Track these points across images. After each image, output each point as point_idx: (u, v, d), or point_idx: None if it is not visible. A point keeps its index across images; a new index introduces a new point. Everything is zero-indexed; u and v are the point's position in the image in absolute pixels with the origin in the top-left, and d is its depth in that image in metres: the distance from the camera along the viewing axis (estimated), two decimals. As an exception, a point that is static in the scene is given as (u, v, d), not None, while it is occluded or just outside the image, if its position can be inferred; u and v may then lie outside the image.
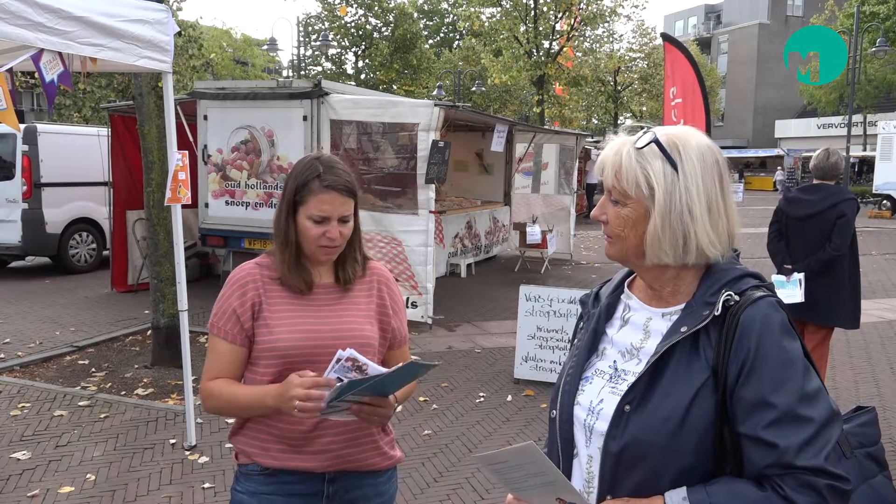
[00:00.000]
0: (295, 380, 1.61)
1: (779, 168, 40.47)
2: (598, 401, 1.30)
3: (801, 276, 4.57)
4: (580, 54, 27.57)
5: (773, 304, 1.20)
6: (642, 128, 1.28)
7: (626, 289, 1.40)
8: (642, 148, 1.24)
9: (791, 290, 4.56)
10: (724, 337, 1.18)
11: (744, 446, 1.15)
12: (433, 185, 7.37)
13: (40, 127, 10.07)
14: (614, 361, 1.32)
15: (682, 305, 1.27)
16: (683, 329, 1.21)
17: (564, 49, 25.51)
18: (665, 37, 7.39)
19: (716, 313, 1.20)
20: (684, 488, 1.16)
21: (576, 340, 1.45)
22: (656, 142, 1.23)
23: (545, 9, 24.79)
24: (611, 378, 1.31)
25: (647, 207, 1.23)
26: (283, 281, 1.81)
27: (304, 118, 7.56)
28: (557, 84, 25.94)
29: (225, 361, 1.80)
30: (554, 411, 1.39)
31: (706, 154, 1.24)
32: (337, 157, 1.91)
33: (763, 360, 1.15)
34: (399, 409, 5.14)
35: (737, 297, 1.20)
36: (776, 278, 4.64)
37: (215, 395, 1.79)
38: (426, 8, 48.41)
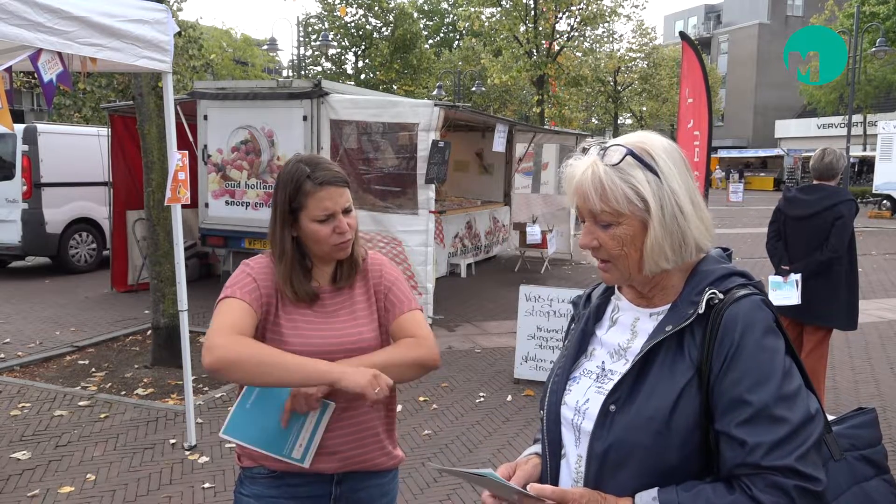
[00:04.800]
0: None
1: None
2: (584, 400, 1.30)
3: (798, 276, 4.57)
4: (580, 54, 27.57)
5: (758, 302, 1.20)
6: (595, 146, 1.27)
7: (615, 290, 1.40)
8: (618, 163, 1.22)
9: (788, 291, 4.55)
10: (708, 335, 1.18)
11: (720, 444, 1.15)
12: (433, 185, 7.37)
13: (40, 127, 10.06)
14: (602, 362, 1.33)
15: (669, 305, 1.27)
16: (668, 328, 1.22)
17: (564, 50, 25.52)
18: (683, 36, 7.43)
19: (699, 311, 1.20)
20: (655, 489, 1.16)
21: (566, 341, 1.46)
22: (631, 153, 1.23)
23: (545, 9, 24.79)
24: (597, 378, 1.31)
25: (641, 220, 1.22)
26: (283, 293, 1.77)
27: (304, 118, 7.56)
28: (555, 83, 25.94)
29: (247, 320, 1.67)
30: (542, 411, 1.39)
31: (671, 151, 1.25)
32: (317, 154, 1.88)
33: (742, 359, 1.15)
34: (400, 408, 5.09)
35: (721, 296, 1.20)
36: (773, 279, 4.63)
37: (244, 343, 1.61)
38: (426, 8, 48.40)
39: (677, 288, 1.27)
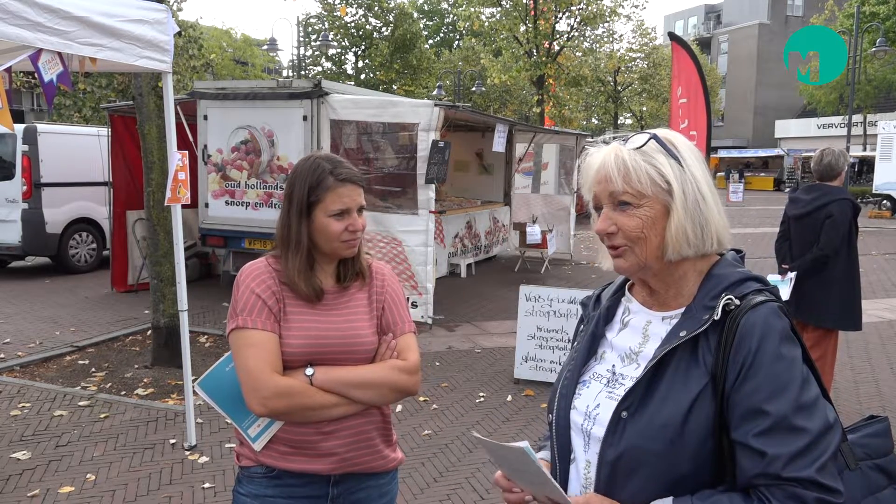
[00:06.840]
0: None
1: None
2: (594, 405, 1.28)
3: (793, 275, 4.61)
4: (580, 54, 27.56)
5: (775, 309, 1.17)
6: (616, 138, 1.28)
7: (626, 291, 1.38)
8: (642, 147, 1.23)
9: (783, 289, 4.60)
10: (723, 342, 1.16)
11: (736, 454, 1.13)
12: (433, 185, 7.37)
13: (40, 127, 10.06)
14: (613, 365, 1.30)
15: (683, 309, 1.24)
16: (682, 334, 1.19)
17: (564, 50, 25.50)
18: (672, 36, 7.43)
19: (715, 318, 1.17)
20: (670, 498, 1.14)
21: (575, 343, 1.43)
22: (655, 138, 1.24)
23: (545, 9, 24.78)
24: (608, 382, 1.29)
25: (664, 202, 1.21)
26: (292, 287, 1.78)
27: (304, 118, 7.56)
28: (555, 83, 25.94)
29: (274, 353, 1.71)
30: (551, 415, 1.37)
31: (692, 147, 1.28)
32: (332, 153, 1.92)
33: (760, 367, 1.13)
34: (399, 408, 5.09)
35: (737, 302, 1.18)
36: (771, 278, 4.66)
37: (288, 395, 1.68)
38: (426, 8, 48.42)
39: (691, 291, 1.25)
